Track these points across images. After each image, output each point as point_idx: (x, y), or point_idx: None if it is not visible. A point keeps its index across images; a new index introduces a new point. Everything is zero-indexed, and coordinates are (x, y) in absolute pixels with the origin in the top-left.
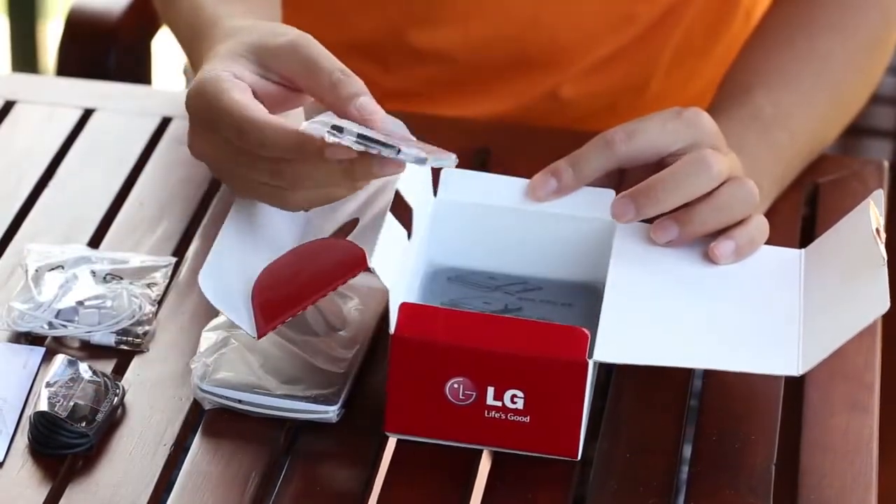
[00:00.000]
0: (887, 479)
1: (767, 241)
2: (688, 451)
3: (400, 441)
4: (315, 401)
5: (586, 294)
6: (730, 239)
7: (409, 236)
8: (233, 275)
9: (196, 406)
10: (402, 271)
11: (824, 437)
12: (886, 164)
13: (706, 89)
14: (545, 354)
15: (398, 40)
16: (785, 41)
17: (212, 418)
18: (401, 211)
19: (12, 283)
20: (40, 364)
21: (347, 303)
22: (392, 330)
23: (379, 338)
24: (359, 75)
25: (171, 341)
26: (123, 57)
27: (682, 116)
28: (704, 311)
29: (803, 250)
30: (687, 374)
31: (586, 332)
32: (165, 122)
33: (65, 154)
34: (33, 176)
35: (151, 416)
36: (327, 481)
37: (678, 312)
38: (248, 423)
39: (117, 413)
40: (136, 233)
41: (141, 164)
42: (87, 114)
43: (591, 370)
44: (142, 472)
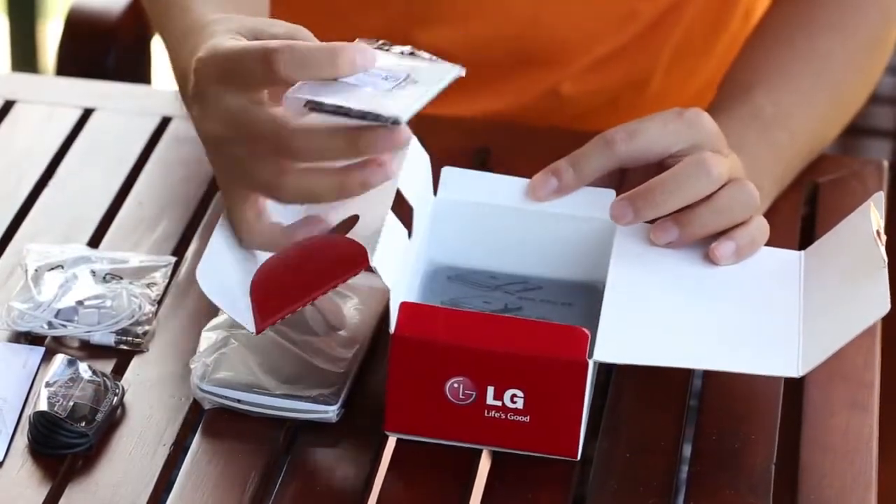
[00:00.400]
0: (887, 479)
1: (767, 241)
2: (688, 451)
3: (400, 441)
4: (315, 400)
5: (586, 294)
6: (730, 240)
7: (409, 235)
8: (230, 270)
9: (196, 406)
10: (402, 270)
11: (824, 436)
12: (886, 163)
13: (706, 87)
14: (545, 354)
15: (399, 40)
16: (785, 40)
17: (211, 418)
18: (401, 210)
19: (12, 282)
20: (40, 364)
21: (347, 302)
22: (392, 329)
23: (379, 337)
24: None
25: (170, 341)
26: (123, 57)
27: (683, 117)
28: (705, 311)
29: (803, 252)
30: (687, 373)
31: (586, 331)
32: (165, 122)
33: (64, 154)
34: (33, 176)
35: (151, 416)
36: (327, 481)
37: (678, 313)
38: (248, 422)
39: (117, 413)
40: (136, 233)
41: (141, 164)
42: (87, 113)
43: (591, 370)
44: (141, 471)
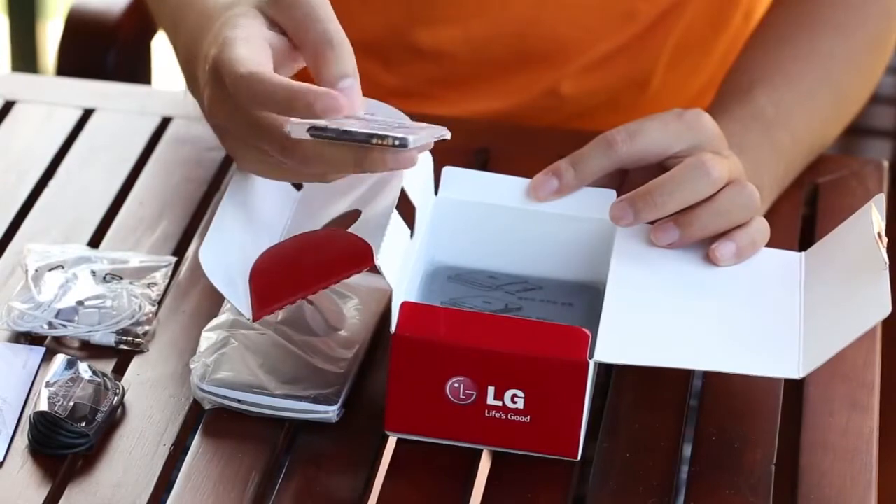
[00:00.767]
0: (887, 479)
1: (767, 241)
2: (687, 451)
3: (400, 440)
4: (315, 400)
5: (586, 294)
6: (731, 241)
7: (411, 235)
8: (232, 253)
9: (196, 406)
10: (403, 270)
11: (824, 436)
12: (886, 163)
13: (707, 86)
14: (546, 354)
15: (400, 39)
16: (786, 40)
17: (211, 418)
18: (404, 209)
19: (12, 282)
20: (40, 364)
21: (347, 302)
22: (393, 329)
23: (379, 337)
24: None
25: (170, 341)
26: (123, 57)
27: (684, 118)
28: (705, 312)
29: (804, 253)
30: (687, 373)
31: (587, 332)
32: (165, 122)
33: (64, 154)
34: (33, 176)
35: (151, 416)
36: (327, 481)
37: (679, 313)
38: (248, 422)
39: (117, 413)
40: (136, 233)
41: (141, 164)
42: (87, 114)
43: (591, 370)
44: (142, 471)
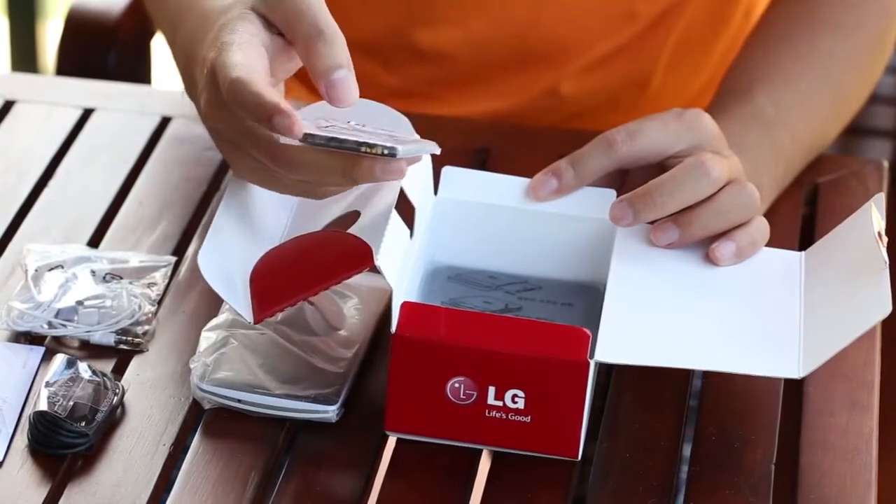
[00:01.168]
0: (887, 479)
1: (767, 241)
2: (687, 451)
3: (400, 440)
4: (315, 400)
5: (587, 294)
6: (731, 240)
7: (411, 235)
8: (231, 256)
9: (196, 406)
10: (403, 270)
11: (824, 436)
12: (886, 163)
13: (707, 86)
14: (546, 354)
15: (400, 40)
16: (785, 40)
17: (211, 418)
18: (404, 209)
19: (12, 282)
20: (40, 364)
21: (347, 302)
22: (393, 329)
23: (378, 337)
24: (360, 74)
25: (170, 341)
26: (123, 57)
27: (683, 118)
28: (705, 312)
29: (804, 252)
30: (686, 373)
31: (587, 332)
32: (165, 122)
33: (64, 154)
34: (33, 176)
35: (151, 416)
36: (327, 481)
37: (679, 313)
38: (248, 422)
39: (117, 413)
40: (136, 232)
41: (141, 164)
42: (87, 113)
43: (591, 370)
44: (141, 471)
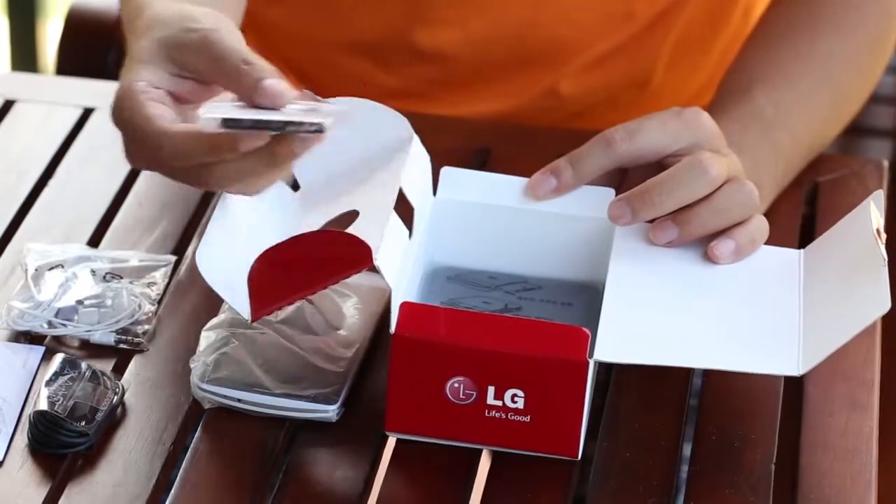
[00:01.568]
0: (887, 479)
1: (767, 240)
2: (687, 450)
3: (400, 440)
4: (314, 400)
5: (586, 293)
6: (730, 238)
7: (409, 235)
8: (229, 254)
9: (196, 405)
10: (402, 270)
11: (824, 435)
12: (886, 163)
13: (707, 85)
14: (546, 354)
15: (399, 40)
16: (786, 40)
17: (211, 417)
18: (402, 210)
19: (12, 282)
20: (40, 363)
21: (347, 302)
22: (393, 329)
23: (378, 337)
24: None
25: (170, 340)
26: (123, 56)
27: (682, 117)
28: (705, 310)
29: (803, 250)
30: (687, 372)
31: (587, 331)
32: None
33: (64, 153)
34: (33, 175)
35: (151, 416)
36: (327, 481)
37: (679, 312)
38: (248, 422)
39: (117, 412)
40: (136, 232)
41: None
42: (87, 113)
43: (591, 370)
44: (141, 471)
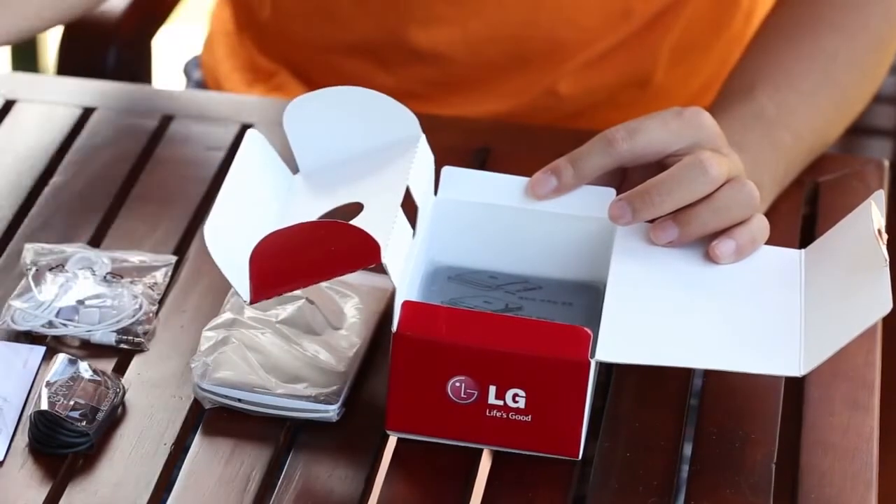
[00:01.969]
0: (887, 479)
1: (768, 240)
2: (688, 450)
3: (400, 440)
4: (315, 400)
5: (587, 293)
6: (731, 238)
7: (413, 234)
8: (236, 231)
9: (196, 405)
10: (405, 270)
11: (825, 435)
12: (887, 163)
13: (708, 84)
14: (547, 354)
15: (397, 40)
16: (789, 41)
17: (212, 417)
18: (406, 209)
19: (12, 282)
20: (41, 363)
21: (347, 302)
22: (394, 328)
23: (379, 337)
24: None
25: (171, 340)
26: (123, 56)
27: (683, 116)
28: (706, 310)
29: (804, 250)
30: (687, 372)
31: (588, 331)
32: (165, 122)
33: (64, 153)
34: (33, 175)
35: (152, 416)
36: (327, 480)
37: (679, 312)
38: (249, 422)
39: (118, 412)
40: (137, 232)
41: (141, 164)
42: (87, 113)
43: (592, 370)
44: (142, 471)
